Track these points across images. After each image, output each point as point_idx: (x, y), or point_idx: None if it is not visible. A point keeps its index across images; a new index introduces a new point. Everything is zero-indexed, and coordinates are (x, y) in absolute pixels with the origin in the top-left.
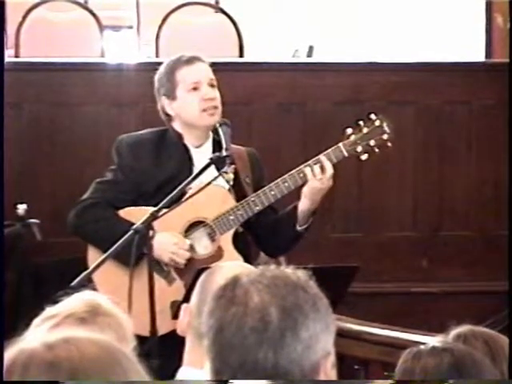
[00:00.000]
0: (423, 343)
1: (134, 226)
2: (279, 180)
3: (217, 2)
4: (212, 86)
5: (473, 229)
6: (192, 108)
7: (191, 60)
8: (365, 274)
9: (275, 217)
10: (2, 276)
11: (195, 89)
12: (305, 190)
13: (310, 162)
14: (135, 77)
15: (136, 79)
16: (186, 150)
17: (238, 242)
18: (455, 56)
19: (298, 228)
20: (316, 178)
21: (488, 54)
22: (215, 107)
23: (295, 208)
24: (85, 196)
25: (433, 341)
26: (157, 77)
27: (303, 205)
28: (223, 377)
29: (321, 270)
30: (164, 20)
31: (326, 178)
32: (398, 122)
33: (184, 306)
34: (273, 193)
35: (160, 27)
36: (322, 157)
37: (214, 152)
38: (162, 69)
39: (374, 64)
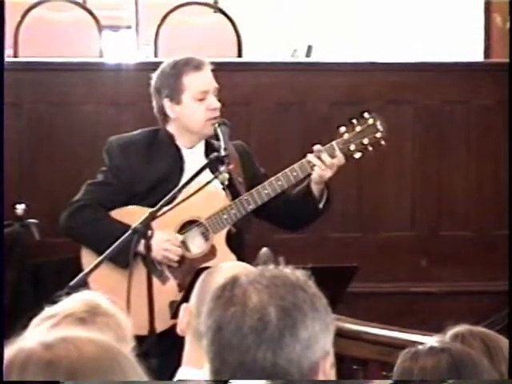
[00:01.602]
0: (422, 343)
1: (133, 226)
2: (272, 179)
3: (215, 2)
4: (216, 94)
5: (472, 229)
6: (197, 117)
7: (200, 66)
8: (364, 274)
9: (286, 197)
10: (1, 276)
11: (202, 99)
12: (312, 176)
13: (302, 160)
14: (134, 77)
15: (135, 79)
16: (178, 150)
17: (232, 242)
18: (454, 56)
19: (320, 206)
20: (320, 167)
21: (487, 53)
22: (217, 117)
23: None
24: (76, 198)
25: (431, 341)
26: (159, 75)
27: (313, 188)
28: (222, 377)
29: (320, 269)
30: (163, 20)
31: (327, 165)
32: (396, 121)
33: (183, 305)
34: (266, 191)
35: (159, 27)
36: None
37: (206, 152)
38: (167, 69)
39: (372, 64)
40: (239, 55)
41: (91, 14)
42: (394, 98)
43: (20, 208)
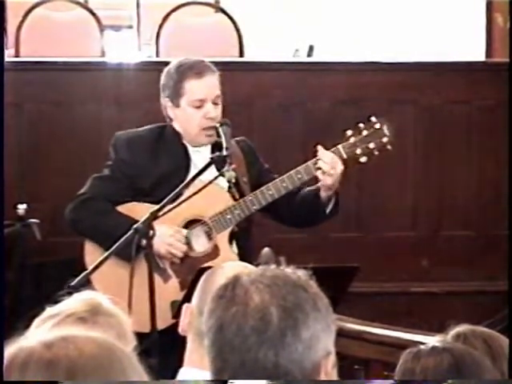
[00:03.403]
0: (423, 343)
1: (135, 226)
2: (277, 180)
3: (217, 2)
4: (216, 103)
5: (473, 229)
6: (192, 123)
7: (202, 73)
8: (365, 274)
9: (294, 196)
10: (2, 276)
11: (199, 106)
12: (320, 184)
13: (308, 162)
14: (135, 76)
15: (136, 79)
16: (184, 148)
17: (236, 241)
18: (455, 56)
19: (327, 211)
20: (325, 175)
21: (488, 53)
22: (214, 127)
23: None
24: (82, 191)
25: (433, 341)
26: (165, 74)
27: (322, 194)
28: (224, 376)
29: (321, 269)
30: (164, 20)
31: (333, 172)
32: (397, 121)
33: (185, 305)
34: (270, 192)
35: (160, 27)
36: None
37: (212, 151)
38: (172, 69)
39: (373, 64)
40: (241, 55)
41: (93, 13)
42: (395, 97)
43: (21, 208)
